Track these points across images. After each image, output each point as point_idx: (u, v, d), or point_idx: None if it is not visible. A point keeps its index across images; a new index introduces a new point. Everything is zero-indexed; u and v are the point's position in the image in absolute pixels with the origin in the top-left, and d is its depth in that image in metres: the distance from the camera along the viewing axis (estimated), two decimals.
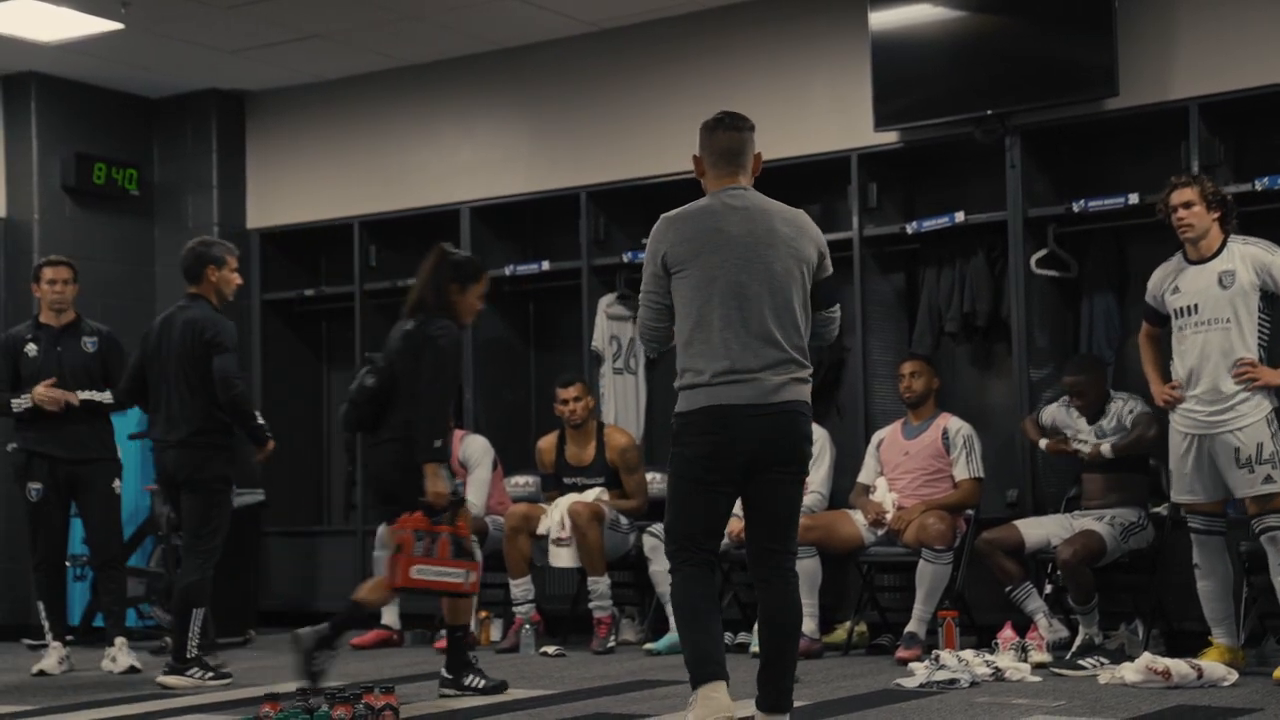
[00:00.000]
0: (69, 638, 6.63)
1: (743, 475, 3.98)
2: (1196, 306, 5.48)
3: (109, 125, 8.79)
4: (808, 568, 6.42)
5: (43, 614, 6.54)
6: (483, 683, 5.37)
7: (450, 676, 5.42)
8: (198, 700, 5.46)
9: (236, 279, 6.23)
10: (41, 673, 6.38)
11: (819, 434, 6.96)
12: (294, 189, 8.94)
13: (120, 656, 6.44)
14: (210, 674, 5.94)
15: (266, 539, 8.62)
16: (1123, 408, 6.28)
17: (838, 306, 4.21)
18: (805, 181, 7.63)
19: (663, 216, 4.11)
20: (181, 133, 8.99)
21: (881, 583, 6.83)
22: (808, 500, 6.71)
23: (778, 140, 7.48)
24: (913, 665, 5.58)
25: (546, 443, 7.41)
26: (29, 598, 7.83)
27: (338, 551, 8.62)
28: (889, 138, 7.18)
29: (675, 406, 4.04)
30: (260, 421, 6.19)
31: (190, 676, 5.91)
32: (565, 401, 7.22)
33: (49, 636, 6.52)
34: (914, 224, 7.15)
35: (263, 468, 6.48)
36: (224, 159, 8.94)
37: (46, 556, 6.52)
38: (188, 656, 5.93)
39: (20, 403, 6.45)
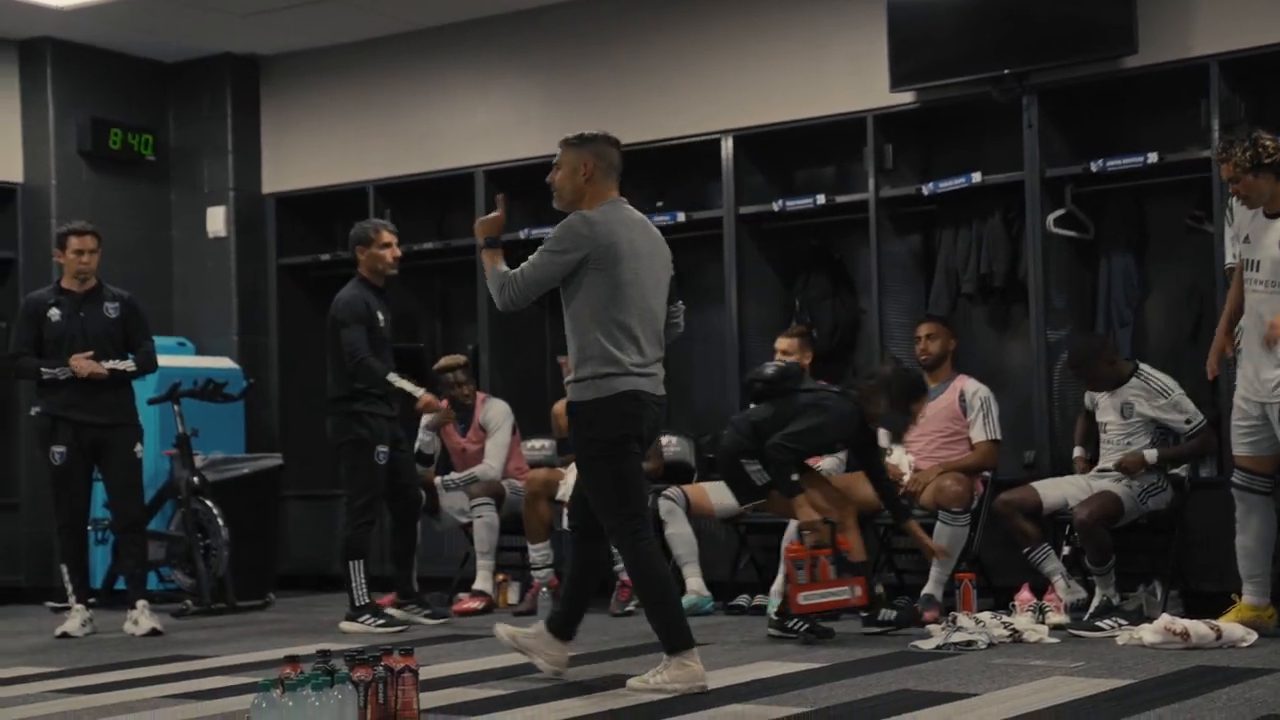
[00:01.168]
0: (91, 600, 6.68)
1: None
2: (1259, 264, 5.35)
3: (125, 90, 8.79)
4: None
5: (66, 577, 6.60)
6: None
7: None
8: (220, 663, 5.51)
9: (387, 254, 6.65)
10: (65, 635, 6.44)
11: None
12: (309, 153, 8.93)
13: (142, 619, 6.49)
14: (382, 621, 6.29)
15: (285, 502, 8.66)
16: (1169, 399, 6.09)
17: (680, 302, 4.87)
18: (820, 143, 7.61)
19: (584, 216, 4.51)
20: (197, 97, 8.98)
21: (899, 545, 6.84)
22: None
23: (793, 102, 7.49)
24: (930, 627, 5.59)
25: (562, 406, 7.41)
26: (52, 561, 7.91)
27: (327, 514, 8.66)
28: (905, 98, 7.13)
29: (582, 394, 4.48)
30: (397, 384, 6.44)
31: (363, 623, 6.31)
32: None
33: (72, 599, 6.58)
34: (930, 185, 7.12)
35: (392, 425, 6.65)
36: (239, 123, 8.94)
37: (70, 520, 6.57)
38: (358, 605, 6.41)
39: (54, 373, 6.47)
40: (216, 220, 8.92)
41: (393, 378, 6.45)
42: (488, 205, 8.20)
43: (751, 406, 6.14)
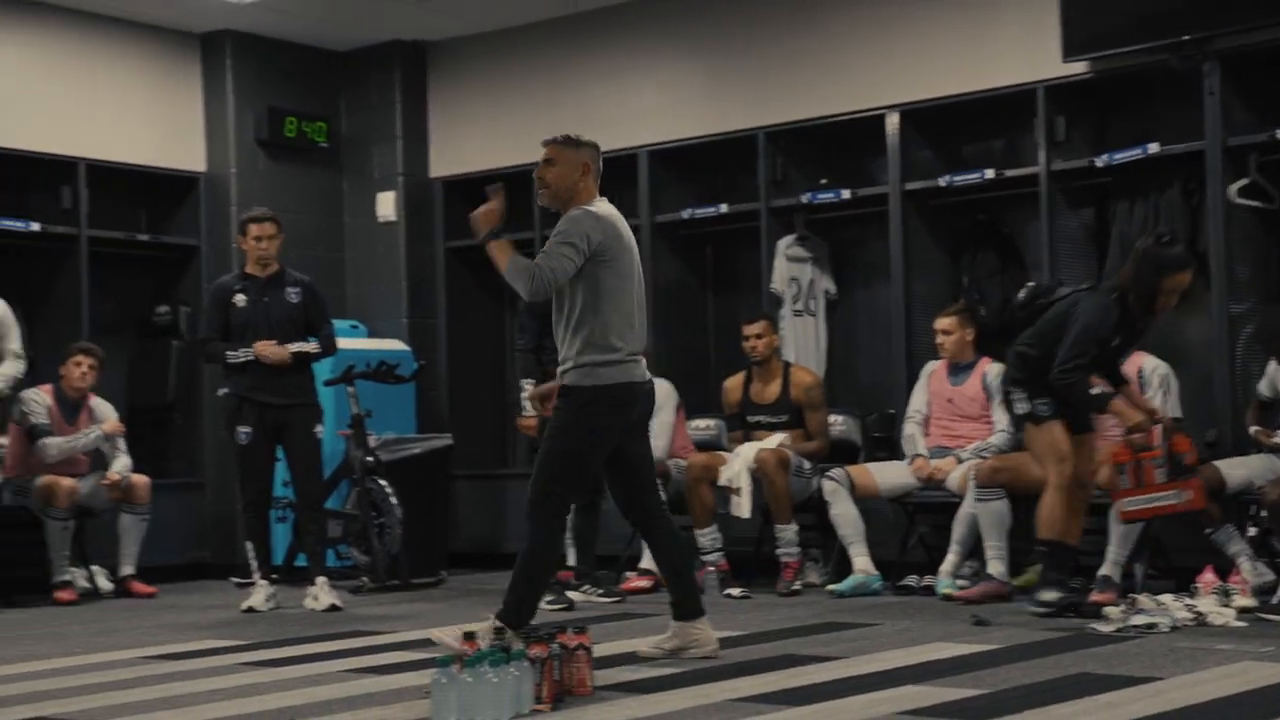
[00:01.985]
0: (274, 576, 6.89)
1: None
2: None
3: (299, 79, 9.03)
4: (997, 510, 6.33)
5: (250, 553, 6.82)
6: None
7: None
8: (398, 639, 5.64)
9: None
10: (250, 609, 6.66)
11: (999, 371, 6.84)
12: (475, 137, 9.07)
13: (322, 595, 6.68)
14: (550, 598, 6.37)
15: (455, 482, 8.83)
16: None
17: None
18: (988, 116, 7.46)
19: (590, 211, 4.69)
20: (367, 84, 9.19)
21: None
22: (995, 439, 6.62)
23: (960, 74, 7.35)
24: (1107, 610, 5.46)
25: (733, 382, 7.43)
26: (236, 538, 8.20)
27: (523, 494, 8.73)
28: (1078, 68, 6.94)
29: (580, 379, 4.61)
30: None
31: (582, 591, 6.61)
32: (748, 338, 7.22)
33: (256, 575, 6.79)
34: (1104, 157, 6.92)
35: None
36: (407, 109, 9.11)
37: (254, 498, 6.78)
38: (579, 572, 6.74)
39: (237, 356, 6.70)
40: (386, 205, 9.12)
41: (524, 383, 6.65)
42: (652, 186, 8.25)
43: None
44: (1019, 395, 5.66)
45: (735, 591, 6.82)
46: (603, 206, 4.77)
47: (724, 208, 8.09)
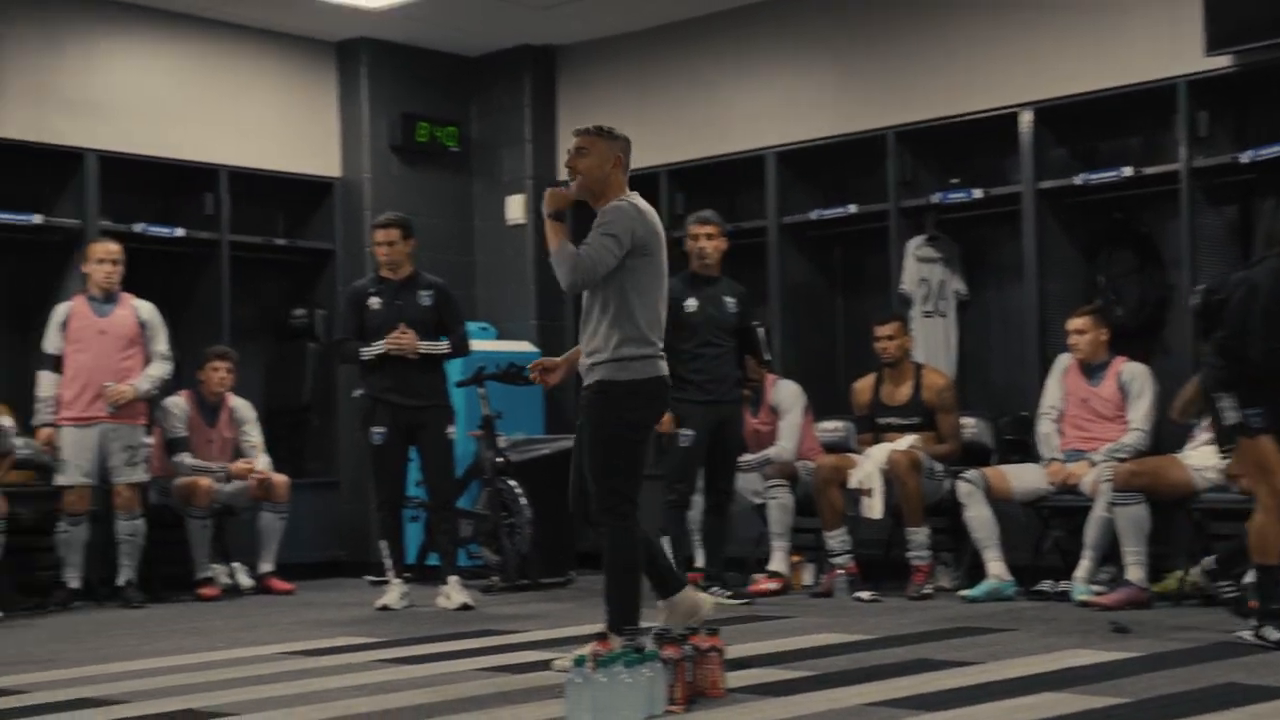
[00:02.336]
0: (407, 575, 6.99)
1: None
2: None
3: (431, 85, 9.16)
4: (1135, 514, 6.19)
5: (385, 552, 6.93)
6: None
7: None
8: (530, 638, 5.70)
9: (696, 244, 6.78)
10: (385, 607, 6.77)
11: (1139, 370, 6.69)
12: None
13: (454, 594, 6.77)
14: (729, 593, 6.53)
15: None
16: None
17: None
18: (1125, 112, 7.30)
19: (632, 204, 4.66)
20: (497, 89, 9.29)
21: (1218, 530, 6.50)
22: (1129, 439, 6.48)
23: (1096, 71, 7.20)
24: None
25: (863, 383, 7.37)
26: (369, 537, 8.35)
27: (649, 495, 8.75)
28: (1221, 62, 6.76)
29: (614, 374, 4.54)
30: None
31: (710, 593, 6.41)
32: (879, 339, 7.16)
33: (390, 573, 6.90)
34: (1249, 153, 6.73)
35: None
36: (536, 113, 9.20)
37: (388, 497, 6.89)
38: (708, 575, 6.63)
39: (369, 351, 6.83)
40: (515, 208, 9.21)
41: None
42: (779, 187, 8.22)
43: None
44: (1228, 403, 5.19)
45: (865, 594, 6.77)
46: (640, 201, 4.72)
47: (853, 208, 8.03)
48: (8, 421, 6.75)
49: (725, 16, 8.53)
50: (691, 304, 6.69)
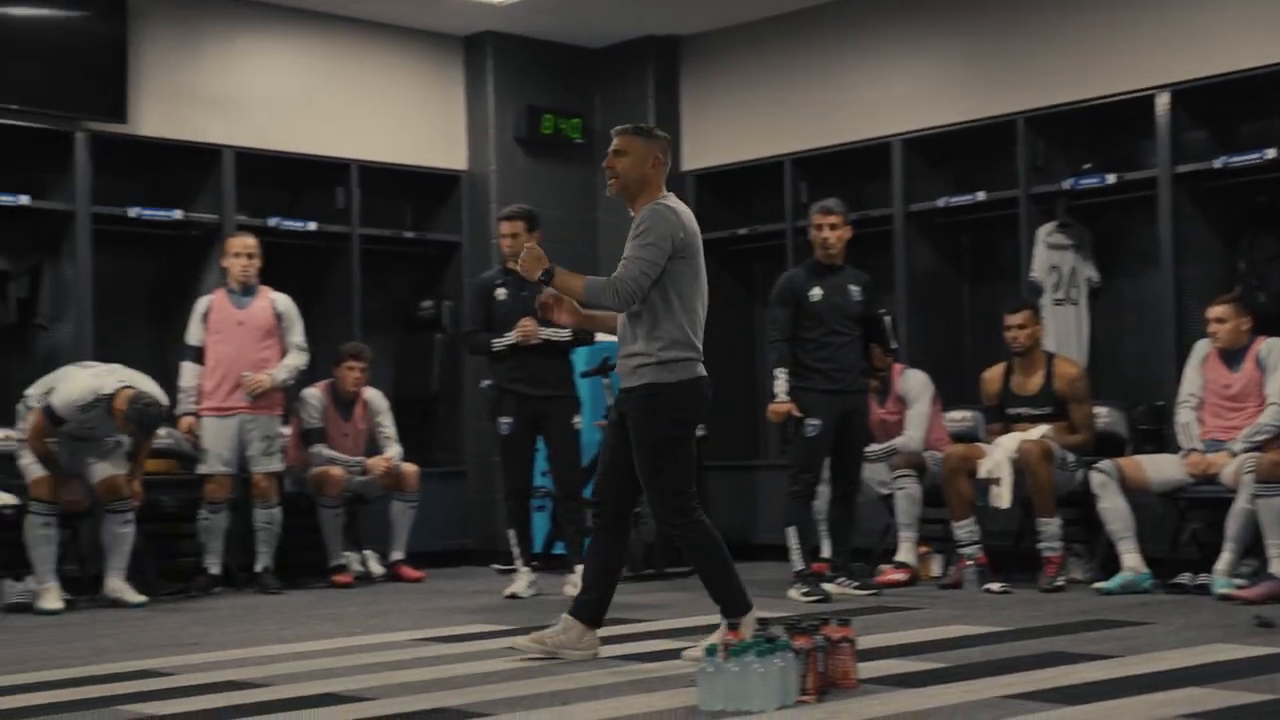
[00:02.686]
0: (534, 563, 7.06)
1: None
2: None
3: (556, 77, 9.24)
4: (1278, 506, 6.02)
5: (513, 541, 7.01)
6: None
7: None
8: (659, 627, 5.72)
9: (819, 235, 6.72)
10: (513, 596, 6.85)
11: (1277, 343, 6.50)
12: (726, 129, 9.10)
13: (581, 582, 6.80)
14: (805, 590, 6.45)
15: (707, 473, 8.89)
16: None
17: None
18: (1268, 93, 7.10)
19: (669, 206, 4.64)
20: (621, 80, 9.33)
21: None
22: (1266, 417, 6.35)
23: (1236, 50, 7.00)
24: None
25: (992, 373, 7.27)
26: (496, 525, 8.45)
27: (773, 485, 8.77)
28: None
29: (661, 375, 4.56)
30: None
31: (794, 590, 6.52)
32: (1009, 328, 7.06)
33: (518, 562, 6.98)
34: None
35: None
36: (660, 103, 9.21)
37: (515, 487, 6.97)
38: (795, 571, 6.56)
39: (500, 342, 6.91)
40: None
41: (778, 372, 6.60)
42: (905, 174, 8.13)
43: None
44: None
45: (995, 586, 6.68)
46: (677, 202, 4.72)
47: (981, 195, 7.92)
48: (166, 401, 6.97)
49: (849, 3, 8.47)
50: (816, 293, 6.66)
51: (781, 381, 6.59)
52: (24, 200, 7.51)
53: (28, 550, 6.75)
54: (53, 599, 6.68)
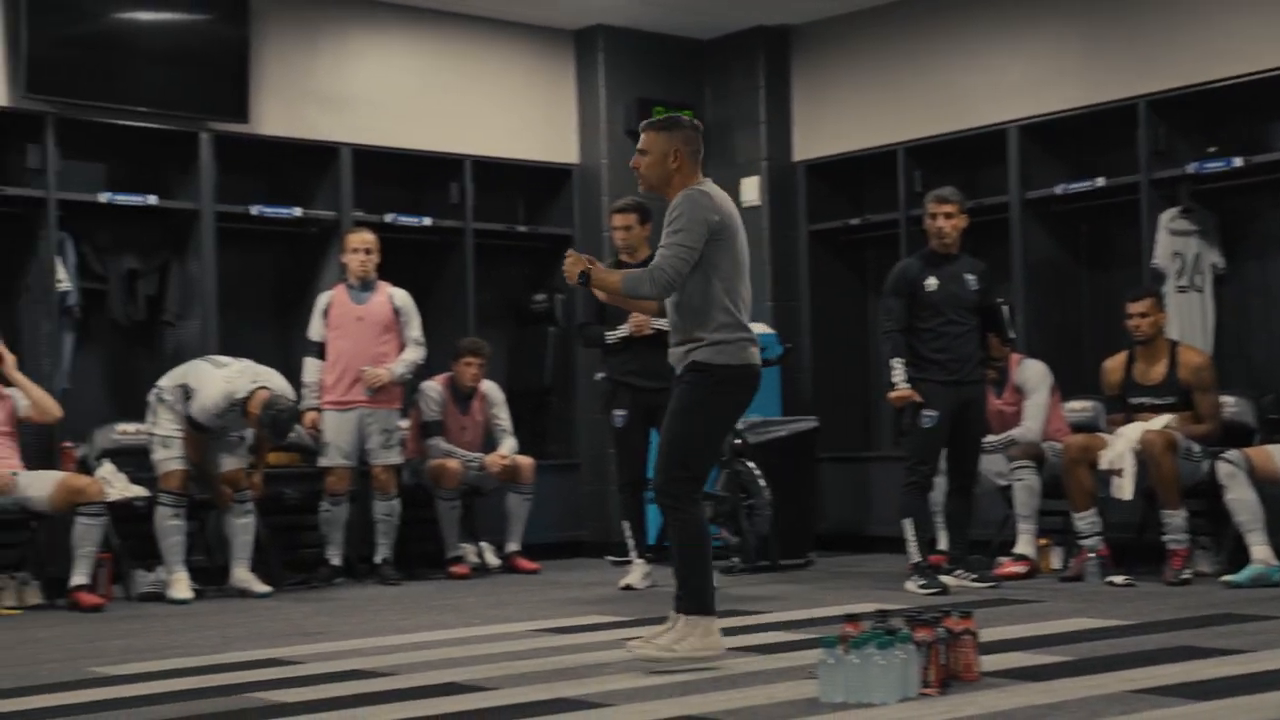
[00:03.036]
0: (649, 555, 7.09)
1: None
2: None
3: (666, 69, 9.25)
4: None
5: (627, 532, 7.04)
6: None
7: None
8: (776, 619, 5.72)
9: (934, 224, 6.66)
10: (628, 587, 6.88)
11: None
12: (838, 119, 9.05)
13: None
14: (922, 583, 6.42)
15: (820, 464, 8.85)
16: None
17: None
18: None
19: (701, 191, 4.57)
20: (731, 71, 9.31)
21: None
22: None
23: None
24: None
25: (1114, 362, 7.13)
26: (610, 517, 8.49)
27: (887, 477, 8.71)
28: None
29: (713, 357, 4.48)
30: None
31: (910, 583, 6.49)
32: (1132, 316, 6.92)
33: (633, 554, 7.01)
34: None
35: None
36: (771, 94, 9.18)
37: (630, 479, 7.00)
38: (911, 563, 6.51)
39: (614, 335, 6.94)
40: (750, 190, 9.22)
41: (894, 362, 6.51)
42: (1022, 161, 8.01)
43: None
44: None
45: (1118, 579, 6.57)
46: (712, 187, 4.62)
47: (1100, 181, 7.77)
48: (294, 395, 7.11)
49: None
50: (932, 282, 6.59)
51: (899, 370, 6.54)
52: (152, 200, 7.71)
53: (158, 541, 6.95)
54: (182, 589, 6.86)
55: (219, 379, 6.88)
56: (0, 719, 3.96)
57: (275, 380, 6.97)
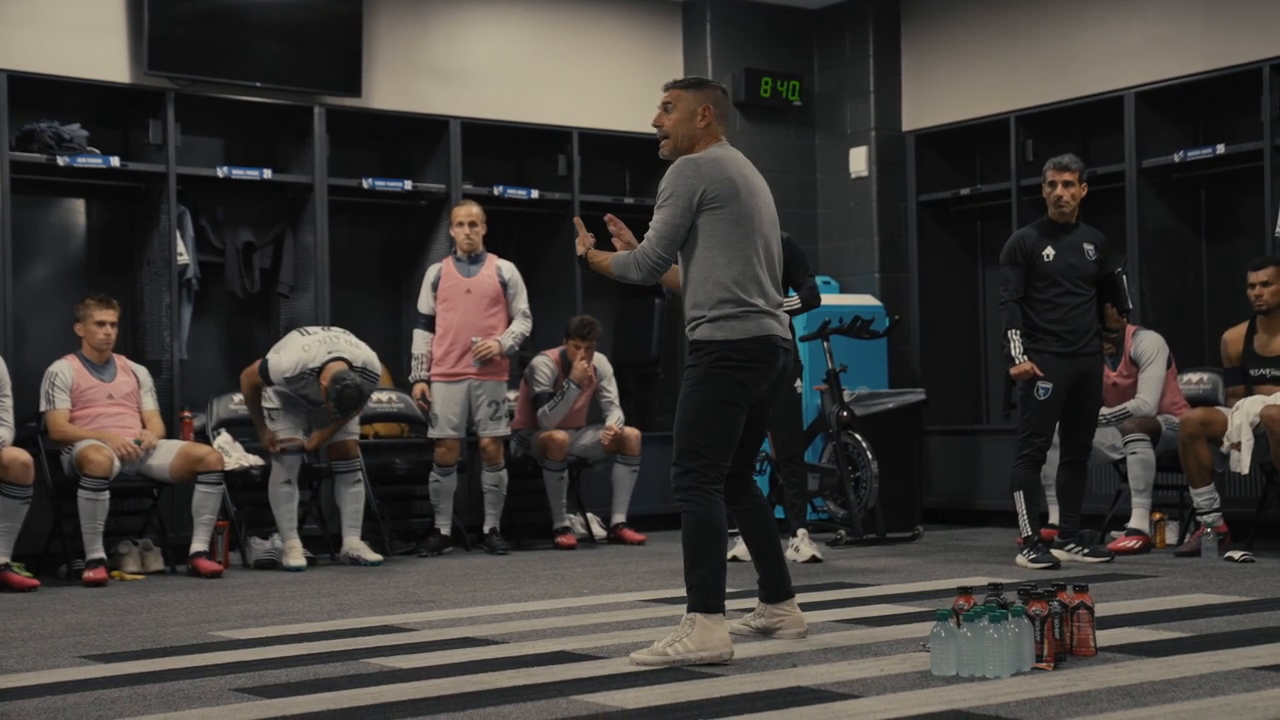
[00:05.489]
0: None
1: (757, 400, 4.32)
2: None
3: (773, 40, 9.19)
4: None
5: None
6: None
7: None
8: (884, 591, 5.69)
9: (1053, 193, 6.52)
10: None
11: None
12: (948, 88, 8.92)
13: (803, 546, 6.80)
14: (1034, 556, 6.36)
15: (928, 437, 8.77)
16: None
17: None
18: None
19: (689, 159, 4.28)
20: (839, 41, 9.22)
21: None
22: None
23: None
24: None
25: (1234, 333, 6.96)
26: None
27: (997, 450, 8.61)
28: None
29: (711, 333, 4.21)
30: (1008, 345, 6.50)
31: (1022, 556, 6.43)
32: (1253, 286, 6.75)
33: (737, 526, 6.98)
34: None
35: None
36: (880, 64, 9.08)
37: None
38: (1022, 537, 6.48)
39: None
40: (859, 160, 9.14)
41: (1011, 334, 6.40)
42: (1138, 129, 7.84)
43: None
44: None
45: (1236, 554, 6.43)
46: (715, 150, 4.32)
47: (1221, 149, 7.59)
48: (378, 368, 7.17)
49: None
50: (1049, 253, 6.47)
51: (1016, 344, 6.43)
52: (267, 174, 7.85)
53: (272, 508, 7.09)
54: (296, 556, 7.00)
55: (298, 346, 6.96)
56: (130, 679, 4.08)
57: (360, 354, 6.97)
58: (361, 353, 7.00)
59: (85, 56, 7.42)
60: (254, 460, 7.21)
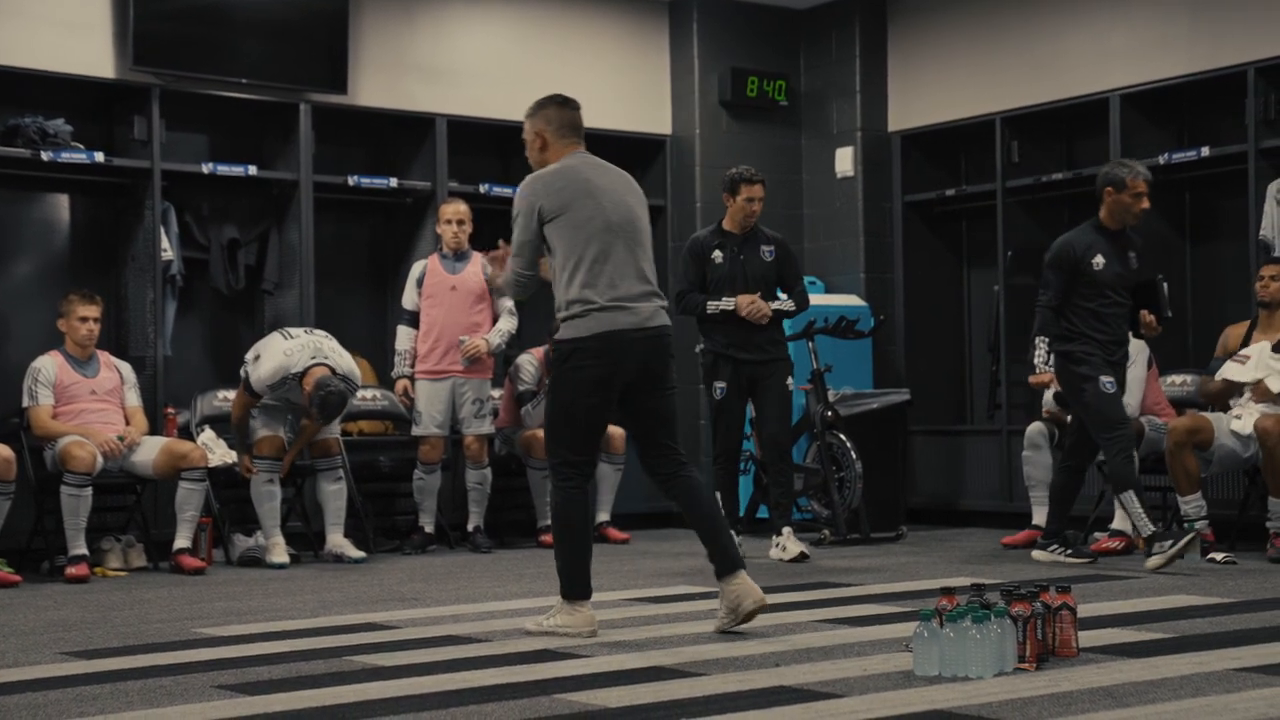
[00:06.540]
0: (738, 528, 7.07)
1: (623, 392, 4.54)
2: None
3: (759, 39, 9.19)
4: None
5: (719, 504, 7.01)
6: None
7: None
8: (868, 591, 5.69)
9: (1138, 204, 6.33)
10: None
11: None
12: (934, 89, 8.93)
13: (789, 544, 6.79)
14: (1068, 551, 6.42)
15: (913, 437, 8.79)
16: None
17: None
18: None
19: (529, 177, 4.60)
20: (826, 41, 9.23)
21: None
22: None
23: None
24: None
25: (1237, 329, 6.97)
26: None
27: (981, 451, 8.64)
28: None
29: (564, 333, 4.51)
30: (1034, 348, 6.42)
31: (1050, 551, 6.47)
32: (1263, 278, 6.77)
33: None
34: None
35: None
36: (866, 64, 9.09)
37: (725, 450, 6.96)
38: (1049, 532, 6.57)
39: (718, 306, 6.89)
40: (844, 161, 9.15)
41: (1039, 341, 6.33)
42: (1123, 131, 7.86)
43: None
44: None
45: (1219, 556, 6.43)
46: (561, 163, 4.60)
47: (1205, 151, 7.61)
48: (358, 376, 7.15)
49: None
50: (1099, 260, 6.28)
51: (1042, 351, 6.33)
52: (252, 170, 7.83)
53: (255, 506, 7.07)
54: (279, 553, 6.98)
55: (280, 351, 6.93)
56: (112, 676, 4.07)
57: (342, 361, 6.97)
58: (345, 362, 6.99)
59: (70, 52, 7.39)
60: (234, 456, 7.18)
